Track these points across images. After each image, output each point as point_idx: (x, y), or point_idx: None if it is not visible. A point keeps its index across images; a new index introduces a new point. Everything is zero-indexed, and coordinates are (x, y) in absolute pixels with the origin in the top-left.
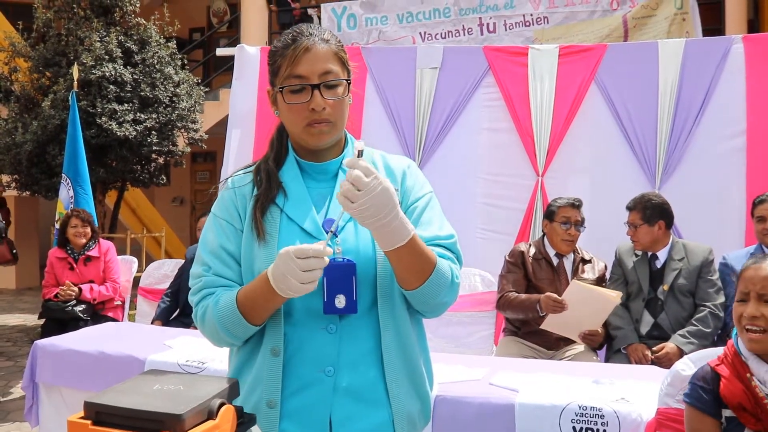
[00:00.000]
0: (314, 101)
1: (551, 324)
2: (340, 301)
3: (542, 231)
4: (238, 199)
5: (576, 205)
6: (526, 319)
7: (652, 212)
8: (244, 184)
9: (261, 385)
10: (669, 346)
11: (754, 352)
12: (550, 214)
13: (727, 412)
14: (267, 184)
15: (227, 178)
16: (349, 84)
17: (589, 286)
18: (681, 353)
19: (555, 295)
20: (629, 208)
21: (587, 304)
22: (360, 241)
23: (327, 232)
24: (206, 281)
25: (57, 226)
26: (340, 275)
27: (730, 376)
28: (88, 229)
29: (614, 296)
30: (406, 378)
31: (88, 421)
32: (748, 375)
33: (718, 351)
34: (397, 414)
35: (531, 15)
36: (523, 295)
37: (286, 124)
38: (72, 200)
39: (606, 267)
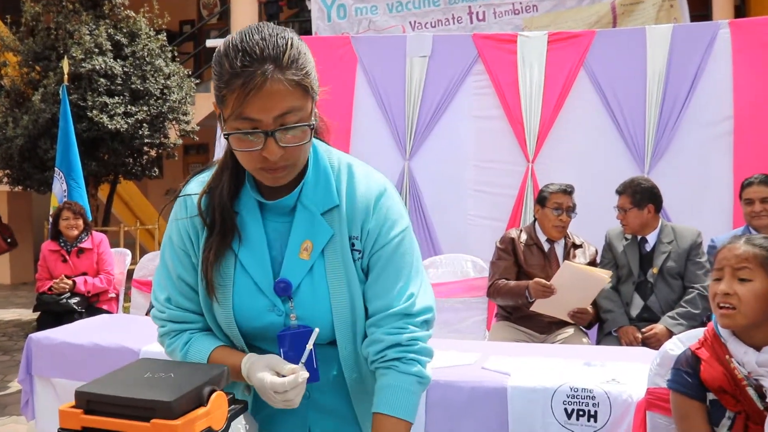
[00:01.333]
0: (268, 149)
1: (541, 305)
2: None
3: (533, 217)
4: (190, 228)
5: (567, 191)
6: (516, 305)
7: (641, 196)
8: (196, 215)
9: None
10: (658, 327)
11: (726, 329)
12: (541, 200)
13: (710, 395)
14: (222, 227)
15: (180, 195)
16: (311, 127)
17: (580, 267)
18: (670, 334)
19: (543, 281)
20: (619, 192)
21: (578, 284)
22: (317, 304)
23: (280, 297)
24: (170, 314)
25: (51, 219)
26: (297, 344)
27: (710, 359)
28: (80, 221)
29: (604, 276)
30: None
31: (80, 410)
32: (727, 357)
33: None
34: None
35: (520, 3)
36: (512, 282)
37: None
38: (65, 194)
39: (597, 252)
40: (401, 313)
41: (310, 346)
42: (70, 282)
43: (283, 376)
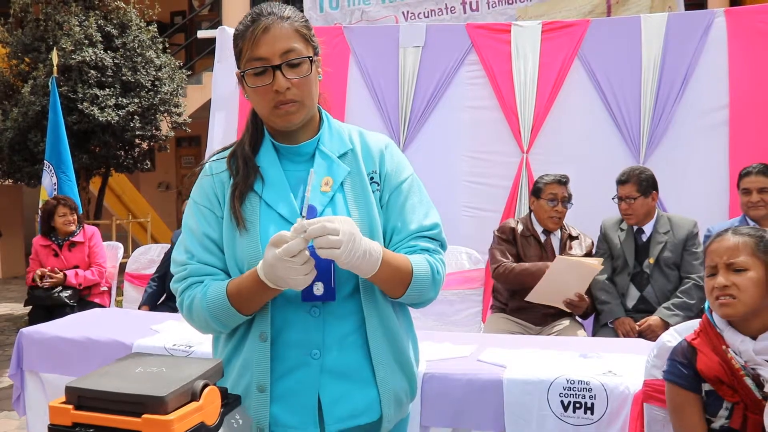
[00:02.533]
0: (276, 82)
1: (536, 295)
2: (318, 289)
3: (529, 208)
4: (216, 185)
5: (563, 181)
6: (514, 293)
7: (647, 183)
8: (221, 171)
9: (250, 369)
10: (652, 318)
11: (727, 318)
12: (536, 191)
13: (706, 386)
14: (244, 171)
15: (204, 163)
16: (312, 61)
17: (571, 259)
18: (666, 325)
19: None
20: (622, 182)
21: (571, 274)
22: None
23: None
24: (191, 269)
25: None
26: (318, 263)
27: (706, 350)
28: (75, 216)
29: (596, 263)
30: (391, 359)
31: (70, 406)
32: (723, 347)
33: None
34: (383, 393)
35: None
36: (529, 264)
37: (254, 107)
38: (55, 187)
39: (593, 243)
40: (429, 236)
41: (308, 189)
42: (61, 274)
43: None
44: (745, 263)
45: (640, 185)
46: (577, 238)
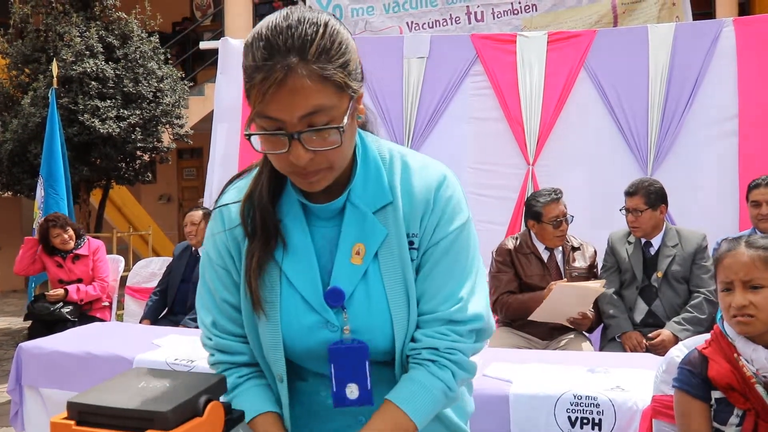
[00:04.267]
0: (293, 154)
1: (538, 316)
2: (352, 392)
3: (526, 227)
4: (230, 242)
5: (558, 197)
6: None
7: (655, 196)
8: (236, 225)
9: None
10: (665, 333)
11: (745, 335)
12: (535, 216)
13: (716, 394)
14: (263, 233)
15: (216, 206)
16: (341, 131)
17: (571, 285)
18: (677, 340)
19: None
20: (630, 194)
21: (572, 297)
22: (373, 313)
23: (331, 308)
24: (217, 342)
25: (35, 226)
26: (350, 360)
27: (718, 358)
28: (71, 231)
29: (597, 286)
30: (437, 426)
31: (72, 422)
32: (735, 355)
33: None
34: None
35: (519, 3)
36: (526, 296)
37: None
38: (42, 201)
39: (596, 252)
40: (446, 319)
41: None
42: (61, 291)
43: None
44: (762, 280)
45: (648, 198)
46: (579, 248)
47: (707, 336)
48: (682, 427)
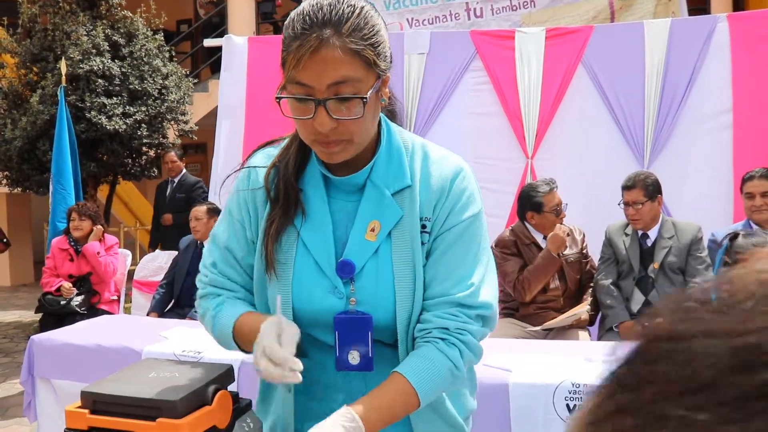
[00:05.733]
0: (318, 120)
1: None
2: (354, 357)
3: (521, 221)
4: (250, 201)
5: (555, 187)
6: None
7: (653, 188)
8: (259, 187)
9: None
10: None
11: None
12: (536, 207)
13: None
14: (285, 201)
15: (245, 166)
16: (365, 102)
17: (557, 319)
18: None
19: (555, 232)
20: (629, 187)
21: (564, 320)
22: (379, 288)
23: (341, 278)
24: (212, 278)
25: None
26: (354, 330)
27: None
28: (87, 222)
29: (581, 310)
30: (435, 419)
31: (86, 411)
32: None
33: None
34: None
35: None
36: (534, 263)
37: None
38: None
39: (585, 235)
40: (457, 302)
41: (278, 313)
42: (74, 289)
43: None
44: None
45: (646, 190)
46: (569, 234)
47: None
48: None
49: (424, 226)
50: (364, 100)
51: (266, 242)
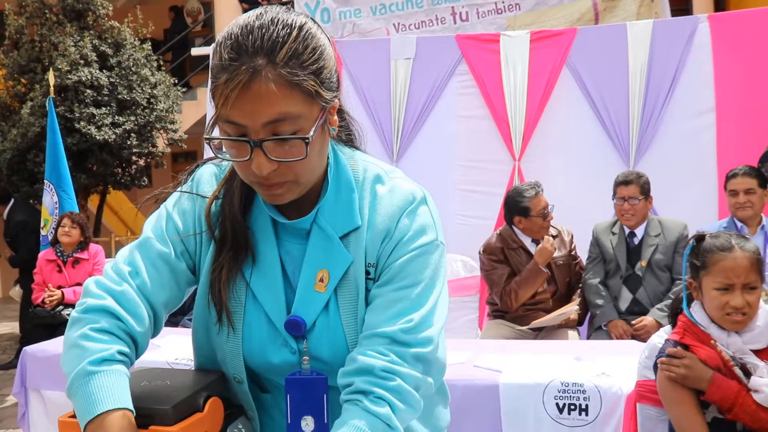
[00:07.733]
0: (255, 163)
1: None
2: (308, 424)
3: (508, 225)
4: (197, 215)
5: (541, 190)
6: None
7: (647, 187)
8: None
9: None
10: (647, 319)
11: (736, 331)
12: (523, 211)
13: None
14: (233, 246)
15: (198, 166)
16: (307, 142)
17: (546, 317)
18: (659, 326)
19: (543, 245)
20: (626, 183)
21: (551, 319)
22: (332, 345)
23: (292, 336)
24: (125, 290)
25: (43, 232)
26: (307, 391)
27: (699, 344)
28: (77, 231)
29: (570, 309)
30: None
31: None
32: (712, 341)
33: None
34: None
35: (503, 2)
36: (521, 274)
37: None
38: (57, 205)
39: (572, 236)
40: (389, 337)
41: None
42: (58, 292)
43: None
44: (756, 282)
45: (642, 188)
46: (557, 235)
47: None
48: (680, 415)
49: (368, 273)
50: (307, 140)
51: (218, 290)
